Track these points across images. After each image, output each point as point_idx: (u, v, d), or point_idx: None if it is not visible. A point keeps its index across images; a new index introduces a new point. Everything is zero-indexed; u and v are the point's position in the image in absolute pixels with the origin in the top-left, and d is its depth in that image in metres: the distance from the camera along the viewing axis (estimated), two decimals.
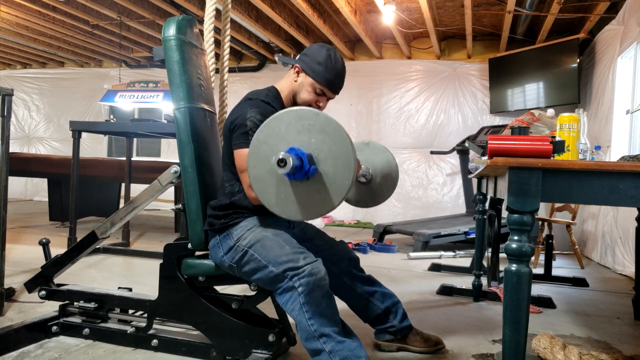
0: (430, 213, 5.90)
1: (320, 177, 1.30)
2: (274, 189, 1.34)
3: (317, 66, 1.69)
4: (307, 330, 1.47)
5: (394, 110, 6.27)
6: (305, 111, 1.32)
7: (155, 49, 1.88)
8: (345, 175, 1.29)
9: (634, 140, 3.93)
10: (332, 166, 1.30)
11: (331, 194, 1.30)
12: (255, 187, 1.37)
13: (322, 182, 1.30)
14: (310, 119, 1.31)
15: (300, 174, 1.28)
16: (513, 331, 1.28)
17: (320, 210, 1.31)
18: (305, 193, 1.32)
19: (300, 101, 1.74)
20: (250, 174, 1.36)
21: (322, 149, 1.30)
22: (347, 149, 1.28)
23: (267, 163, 1.33)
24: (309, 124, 1.31)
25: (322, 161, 1.30)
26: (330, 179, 1.29)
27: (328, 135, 1.30)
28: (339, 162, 1.29)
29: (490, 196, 2.46)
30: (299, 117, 1.32)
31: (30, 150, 8.08)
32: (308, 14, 4.75)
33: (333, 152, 1.29)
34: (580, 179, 1.27)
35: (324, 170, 1.30)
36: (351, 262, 1.90)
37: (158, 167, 4.57)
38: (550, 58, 5.12)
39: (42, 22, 5.79)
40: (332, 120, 1.30)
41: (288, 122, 1.33)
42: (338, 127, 1.29)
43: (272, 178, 1.33)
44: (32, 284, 2.04)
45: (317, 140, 1.30)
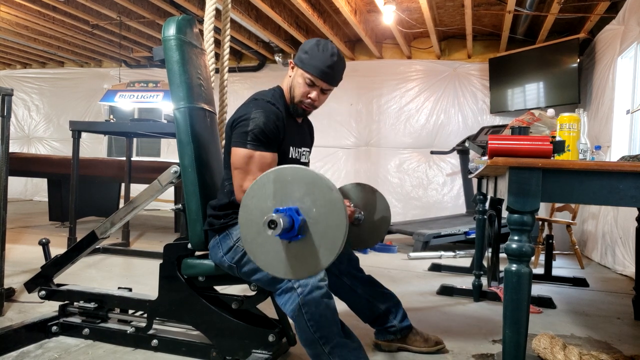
0: (430, 213, 5.90)
1: (310, 239, 1.29)
2: (263, 248, 1.33)
3: (304, 55, 1.64)
4: (307, 331, 1.47)
5: (394, 110, 6.26)
6: (300, 170, 1.31)
7: (155, 48, 1.88)
8: (335, 238, 1.27)
9: (634, 140, 3.93)
10: (324, 229, 1.28)
11: (320, 256, 1.28)
12: (247, 246, 1.35)
13: (312, 244, 1.29)
14: (305, 179, 1.30)
15: (289, 235, 1.27)
16: (513, 331, 1.27)
17: (309, 270, 1.30)
18: (295, 253, 1.31)
19: (294, 95, 1.68)
20: (242, 234, 1.36)
21: (314, 209, 1.29)
22: (340, 214, 1.26)
23: (256, 223, 1.32)
24: (304, 183, 1.29)
25: (313, 223, 1.29)
26: (320, 242, 1.28)
27: (322, 198, 1.28)
28: (331, 225, 1.27)
29: (490, 196, 2.46)
30: (294, 176, 1.30)
31: (30, 150, 8.08)
32: (308, 14, 4.75)
33: (326, 215, 1.28)
34: (580, 179, 1.27)
35: (314, 232, 1.28)
36: (351, 262, 1.90)
37: (158, 167, 4.57)
38: (551, 58, 5.11)
39: (42, 22, 5.79)
40: (327, 181, 1.29)
41: (283, 178, 1.31)
42: (333, 190, 1.27)
43: (261, 237, 1.32)
44: (32, 284, 2.04)
45: (311, 200, 1.29)
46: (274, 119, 1.61)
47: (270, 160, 1.61)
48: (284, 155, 1.70)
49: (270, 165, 1.62)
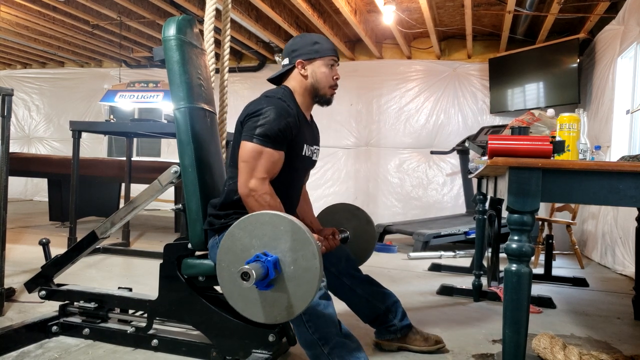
0: (430, 213, 5.90)
1: (284, 285, 1.33)
2: (241, 295, 1.37)
3: (316, 46, 1.73)
4: (305, 332, 1.47)
5: (394, 110, 6.26)
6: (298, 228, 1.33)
7: (155, 49, 1.88)
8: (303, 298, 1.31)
9: (634, 140, 3.93)
10: (295, 287, 1.32)
11: (294, 302, 1.32)
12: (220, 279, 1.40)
13: (286, 290, 1.33)
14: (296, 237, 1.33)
15: (264, 283, 1.31)
16: (513, 331, 1.28)
17: (284, 316, 1.34)
18: (270, 299, 1.35)
19: (322, 86, 1.74)
20: (219, 258, 1.40)
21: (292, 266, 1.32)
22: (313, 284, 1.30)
23: (236, 257, 1.36)
24: (293, 240, 1.33)
25: (288, 278, 1.32)
26: (291, 294, 1.32)
27: (304, 261, 1.31)
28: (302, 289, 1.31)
29: (490, 196, 2.46)
30: (288, 230, 1.34)
31: (30, 150, 8.08)
32: (308, 14, 4.75)
33: (300, 277, 1.31)
34: (580, 179, 1.27)
35: (287, 287, 1.33)
36: (349, 262, 1.90)
37: (158, 167, 4.57)
38: (550, 58, 5.11)
39: (42, 22, 5.79)
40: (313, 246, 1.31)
41: (276, 226, 1.34)
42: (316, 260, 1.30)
43: (236, 285, 1.35)
44: (32, 284, 2.04)
45: (291, 258, 1.32)
46: (285, 116, 1.62)
47: (277, 159, 1.61)
48: (298, 153, 1.70)
49: (277, 163, 1.62)
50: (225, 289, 1.39)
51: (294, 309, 1.32)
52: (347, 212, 2.10)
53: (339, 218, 2.09)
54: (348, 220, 2.08)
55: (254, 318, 1.38)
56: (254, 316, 1.38)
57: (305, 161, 1.76)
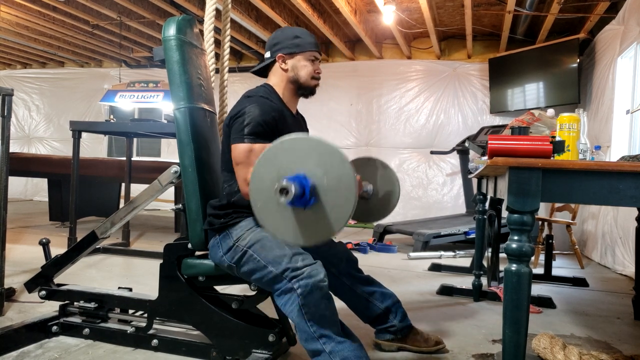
0: (430, 213, 5.90)
1: (321, 205, 1.29)
2: (275, 216, 1.33)
3: (296, 40, 1.73)
4: (307, 332, 1.47)
5: (394, 110, 6.26)
6: (308, 140, 1.31)
7: (155, 49, 1.88)
8: (346, 205, 1.27)
9: (634, 140, 3.93)
10: (334, 197, 1.28)
11: (331, 222, 1.29)
12: (257, 212, 1.36)
13: (323, 210, 1.29)
14: (314, 148, 1.31)
15: (301, 202, 1.27)
16: (513, 331, 1.28)
17: (319, 237, 1.31)
18: (305, 220, 1.31)
19: (303, 80, 1.74)
20: (252, 198, 1.36)
21: (324, 177, 1.29)
22: (350, 181, 1.27)
23: (268, 190, 1.32)
24: (313, 153, 1.30)
25: (324, 190, 1.29)
26: (331, 209, 1.29)
27: (331, 166, 1.29)
28: (341, 193, 1.28)
29: (490, 196, 2.46)
30: (300, 146, 1.32)
31: (30, 150, 8.08)
32: (308, 14, 4.75)
33: (335, 183, 1.28)
34: (580, 179, 1.27)
35: (325, 200, 1.29)
36: (350, 263, 1.90)
37: (158, 167, 4.57)
38: (550, 58, 5.11)
39: (42, 22, 5.79)
40: (336, 149, 1.29)
41: (291, 148, 1.32)
42: (342, 157, 1.28)
43: (273, 204, 1.32)
44: (32, 284, 2.04)
45: (321, 168, 1.29)
46: (269, 110, 1.63)
47: None
48: None
49: None
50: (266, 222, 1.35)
51: (332, 228, 1.29)
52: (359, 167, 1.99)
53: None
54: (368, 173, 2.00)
55: (289, 241, 1.35)
56: (289, 237, 1.33)
57: None
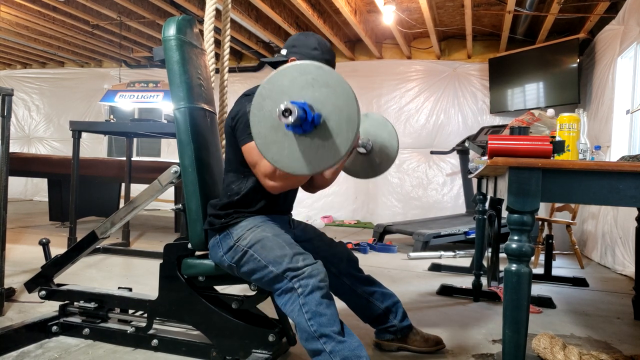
0: (430, 213, 5.90)
1: (325, 129, 1.27)
2: (278, 145, 1.30)
3: (315, 52, 1.71)
4: (307, 331, 1.47)
5: (394, 110, 6.26)
6: (308, 65, 1.29)
7: (155, 49, 1.88)
8: (350, 126, 1.25)
9: (634, 140, 3.93)
10: (337, 118, 1.27)
11: (337, 144, 1.26)
12: (259, 144, 1.33)
13: (327, 135, 1.27)
14: (313, 73, 1.28)
15: (306, 124, 1.25)
16: (513, 331, 1.28)
17: (326, 162, 1.28)
18: (310, 146, 1.28)
19: None
20: (254, 131, 1.33)
21: (326, 102, 1.27)
22: (351, 101, 1.25)
23: (270, 118, 1.30)
24: (312, 78, 1.28)
25: (326, 114, 1.27)
26: (335, 131, 1.26)
27: (331, 89, 1.27)
28: (343, 114, 1.26)
29: (490, 196, 2.46)
30: (302, 71, 1.29)
31: (30, 150, 8.08)
32: (308, 14, 4.75)
33: (337, 105, 1.26)
34: (580, 179, 1.27)
35: (328, 123, 1.27)
36: (350, 262, 1.90)
37: (158, 167, 4.57)
38: (550, 58, 5.11)
39: (42, 22, 5.79)
40: (335, 74, 1.28)
41: (291, 76, 1.30)
42: (341, 80, 1.27)
43: (276, 134, 1.29)
44: (32, 284, 2.04)
45: (321, 93, 1.27)
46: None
47: None
48: None
49: None
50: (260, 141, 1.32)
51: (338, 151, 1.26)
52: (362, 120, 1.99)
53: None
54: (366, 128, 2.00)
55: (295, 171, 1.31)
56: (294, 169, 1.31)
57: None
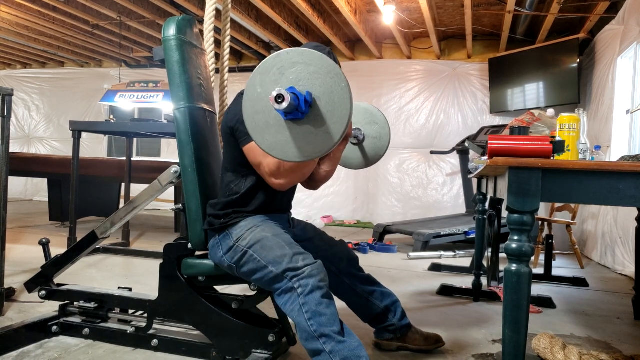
0: (430, 213, 5.90)
1: (318, 114, 1.27)
2: (273, 133, 1.30)
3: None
4: (307, 331, 1.47)
5: (394, 110, 6.27)
6: (296, 53, 1.29)
7: (155, 49, 1.88)
8: (343, 109, 1.25)
9: (634, 140, 3.93)
10: (329, 102, 1.26)
11: (331, 129, 1.26)
12: (254, 135, 1.33)
13: (320, 118, 1.26)
14: (304, 59, 1.28)
15: (301, 106, 1.25)
16: (513, 331, 1.28)
17: (321, 148, 1.28)
18: (305, 132, 1.28)
19: None
20: (248, 124, 1.33)
21: (317, 86, 1.27)
22: (342, 84, 1.25)
23: (263, 107, 1.30)
24: (302, 63, 1.28)
25: (318, 99, 1.27)
26: (329, 115, 1.26)
27: (323, 74, 1.26)
28: (335, 98, 1.25)
29: (490, 196, 2.46)
30: (290, 61, 1.29)
31: (30, 150, 8.08)
32: (308, 14, 4.75)
33: (329, 89, 1.26)
34: (580, 179, 1.27)
35: (320, 104, 1.26)
36: (351, 262, 1.90)
37: (158, 167, 4.57)
38: (550, 58, 5.12)
39: (42, 22, 5.79)
40: (327, 59, 1.28)
41: (280, 64, 1.29)
42: (332, 65, 1.27)
43: (269, 122, 1.29)
44: (32, 284, 2.04)
45: (312, 78, 1.27)
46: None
47: None
48: None
49: None
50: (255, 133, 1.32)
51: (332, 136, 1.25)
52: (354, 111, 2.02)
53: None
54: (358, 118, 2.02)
55: (291, 158, 1.31)
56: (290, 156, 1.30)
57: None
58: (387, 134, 2.03)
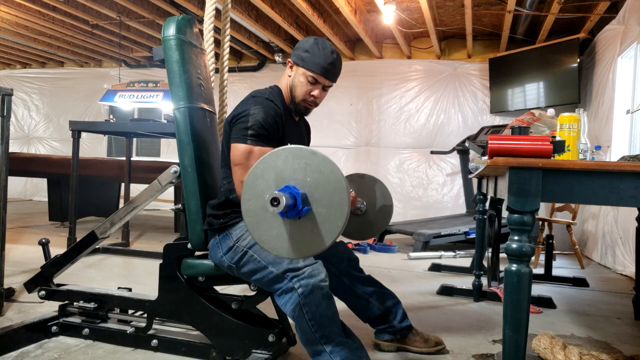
0: (430, 213, 5.90)
1: (313, 216, 1.29)
2: (265, 225, 1.32)
3: (305, 54, 1.66)
4: (307, 332, 1.47)
5: (394, 110, 6.26)
6: (302, 150, 1.31)
7: (155, 48, 1.88)
8: (338, 216, 1.27)
9: (634, 140, 3.93)
10: (326, 207, 1.28)
11: (323, 234, 1.28)
12: (247, 221, 1.36)
13: (314, 222, 1.29)
14: (307, 158, 1.30)
15: (293, 212, 1.27)
16: (513, 331, 1.27)
17: (310, 249, 1.31)
18: (297, 231, 1.30)
19: (296, 95, 1.70)
20: (244, 207, 1.36)
21: (316, 189, 1.29)
22: (342, 191, 1.27)
23: (261, 199, 1.32)
24: (305, 163, 1.30)
25: (315, 201, 1.29)
26: (323, 220, 1.28)
27: (323, 176, 1.28)
28: (333, 203, 1.27)
29: (491, 196, 2.46)
30: (296, 155, 1.31)
31: (30, 150, 8.08)
32: (308, 14, 4.75)
33: (327, 193, 1.28)
34: (580, 179, 1.27)
35: (317, 211, 1.29)
36: (351, 262, 1.90)
37: (158, 167, 4.57)
38: (551, 58, 5.11)
39: (42, 22, 5.79)
40: (329, 161, 1.29)
41: (285, 158, 1.31)
42: (334, 169, 1.28)
43: (264, 214, 1.32)
44: (32, 284, 2.04)
45: (312, 179, 1.29)
46: (273, 115, 1.62)
47: None
48: None
49: None
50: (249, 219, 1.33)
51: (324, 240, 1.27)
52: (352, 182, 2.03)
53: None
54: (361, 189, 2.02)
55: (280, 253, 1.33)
56: (281, 251, 1.33)
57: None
58: (390, 206, 2.01)
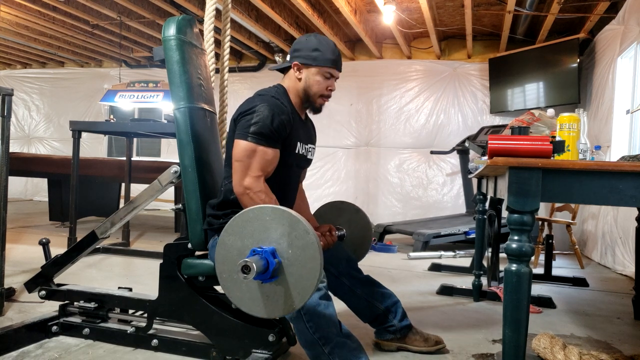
0: (430, 213, 5.90)
1: (285, 279, 1.32)
2: (241, 288, 1.36)
3: (315, 53, 1.69)
4: (306, 333, 1.47)
5: (394, 110, 6.26)
6: (284, 212, 1.33)
7: (155, 48, 1.88)
8: (310, 280, 1.30)
9: (634, 140, 3.93)
10: (298, 270, 1.31)
11: (294, 296, 1.31)
12: (223, 285, 1.38)
13: (287, 283, 1.32)
14: (280, 217, 1.33)
15: (264, 277, 1.30)
16: (513, 331, 1.28)
17: (282, 310, 1.34)
18: (269, 293, 1.34)
19: (312, 94, 1.73)
20: (218, 270, 1.38)
21: (290, 250, 1.32)
22: (316, 261, 1.29)
23: (233, 263, 1.34)
24: (278, 222, 1.33)
25: (289, 263, 1.31)
26: (295, 282, 1.31)
27: (295, 235, 1.31)
28: (306, 262, 1.30)
29: (490, 196, 2.46)
30: (275, 217, 1.33)
31: (30, 150, 8.08)
32: (308, 14, 4.75)
33: (300, 251, 1.30)
34: (580, 179, 1.27)
35: (289, 271, 1.31)
36: (350, 262, 1.90)
37: (158, 167, 4.57)
38: (550, 58, 5.11)
39: (42, 22, 5.79)
40: (300, 219, 1.31)
41: (257, 218, 1.34)
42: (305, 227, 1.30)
43: (236, 275, 1.34)
44: (32, 284, 2.04)
45: (285, 238, 1.32)
46: (279, 113, 1.62)
47: (271, 157, 1.61)
48: (291, 151, 1.70)
49: (272, 161, 1.62)
50: (230, 293, 1.38)
51: (294, 302, 1.31)
52: (334, 209, 2.10)
53: (329, 217, 2.07)
54: (338, 217, 2.07)
55: (255, 313, 1.37)
56: (253, 310, 1.36)
57: (299, 159, 1.76)
58: (369, 233, 2.08)
